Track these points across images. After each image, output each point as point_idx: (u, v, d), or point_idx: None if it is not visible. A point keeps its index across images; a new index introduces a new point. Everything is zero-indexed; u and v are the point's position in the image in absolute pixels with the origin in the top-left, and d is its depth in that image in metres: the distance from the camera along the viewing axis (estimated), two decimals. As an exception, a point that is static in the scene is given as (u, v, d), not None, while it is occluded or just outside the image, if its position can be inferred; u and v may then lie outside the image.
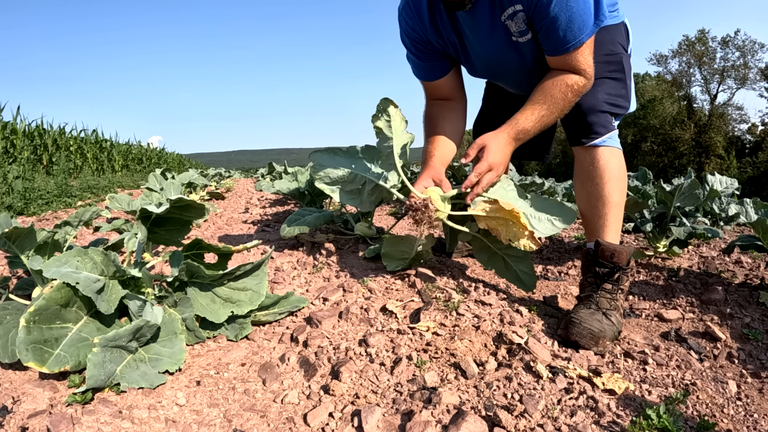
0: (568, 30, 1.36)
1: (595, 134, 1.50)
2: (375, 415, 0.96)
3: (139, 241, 1.26)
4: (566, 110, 1.48)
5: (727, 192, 2.51)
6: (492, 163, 1.46)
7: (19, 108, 9.88)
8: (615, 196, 1.49)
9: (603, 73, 1.53)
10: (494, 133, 1.48)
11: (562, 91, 1.44)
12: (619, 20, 1.62)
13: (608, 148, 1.51)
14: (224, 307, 1.28)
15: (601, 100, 1.51)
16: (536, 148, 1.91)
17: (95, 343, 1.01)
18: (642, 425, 0.93)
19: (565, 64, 1.43)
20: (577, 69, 1.43)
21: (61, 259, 1.11)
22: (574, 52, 1.40)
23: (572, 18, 1.35)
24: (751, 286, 1.82)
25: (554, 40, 1.40)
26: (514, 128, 1.47)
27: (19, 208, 3.92)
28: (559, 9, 1.34)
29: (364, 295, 1.62)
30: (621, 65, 1.57)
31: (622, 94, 1.57)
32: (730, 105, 30.35)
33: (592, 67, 1.44)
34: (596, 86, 1.49)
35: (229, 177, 12.64)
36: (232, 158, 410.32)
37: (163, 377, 1.10)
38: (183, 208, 1.27)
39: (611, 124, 1.53)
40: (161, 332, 1.18)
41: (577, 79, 1.43)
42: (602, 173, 1.49)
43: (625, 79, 1.58)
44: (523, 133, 1.48)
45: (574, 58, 1.41)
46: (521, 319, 1.44)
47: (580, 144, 1.54)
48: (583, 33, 1.37)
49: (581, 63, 1.42)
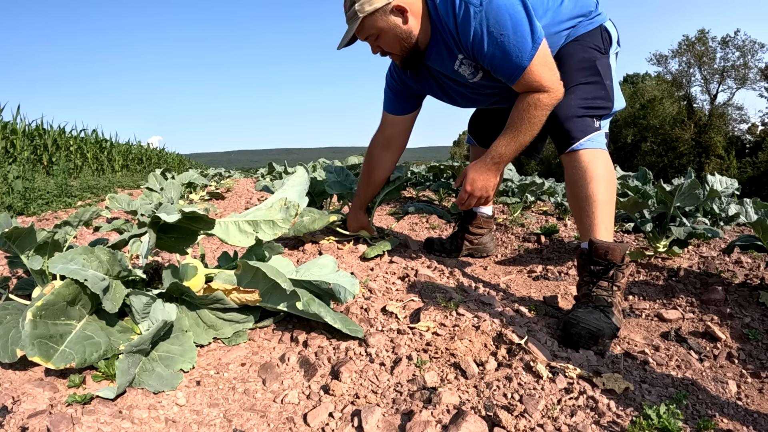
0: (509, 61, 1.50)
1: (573, 139, 1.57)
2: (375, 415, 0.96)
3: (148, 246, 1.26)
4: (538, 125, 1.58)
5: (727, 192, 2.51)
6: (472, 189, 1.71)
7: (19, 108, 9.89)
8: (601, 195, 1.52)
9: (577, 80, 1.61)
10: (474, 162, 1.71)
11: (526, 110, 1.55)
12: (594, 25, 1.69)
13: (590, 149, 1.56)
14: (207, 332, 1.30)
15: (574, 107, 1.58)
16: (528, 146, 1.97)
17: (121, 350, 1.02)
18: (642, 425, 0.93)
19: (526, 86, 1.54)
20: (537, 87, 1.53)
21: (67, 256, 1.11)
22: (524, 75, 1.51)
23: (508, 51, 1.48)
24: (751, 286, 1.81)
25: (503, 73, 1.55)
26: (491, 156, 1.66)
27: (19, 208, 3.92)
28: (492, 48, 1.49)
29: (364, 295, 1.62)
30: (595, 69, 1.63)
31: (600, 96, 1.63)
32: (730, 105, 30.34)
33: (552, 79, 1.53)
34: (569, 94, 1.59)
35: (229, 177, 12.64)
36: (232, 158, 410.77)
37: (179, 376, 1.11)
38: (193, 219, 1.27)
39: (591, 126, 1.59)
40: (171, 330, 1.19)
41: (539, 96, 1.53)
42: (585, 174, 1.54)
43: (603, 80, 1.63)
44: (500, 157, 1.65)
45: (528, 80, 1.52)
46: (521, 319, 1.44)
47: (563, 151, 1.61)
48: (523, 58, 1.48)
49: (537, 80, 1.52)
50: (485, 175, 1.69)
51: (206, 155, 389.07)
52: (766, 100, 29.71)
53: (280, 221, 1.42)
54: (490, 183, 1.71)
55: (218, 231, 1.39)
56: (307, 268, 1.43)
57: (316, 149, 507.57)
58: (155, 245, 1.32)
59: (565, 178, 1.63)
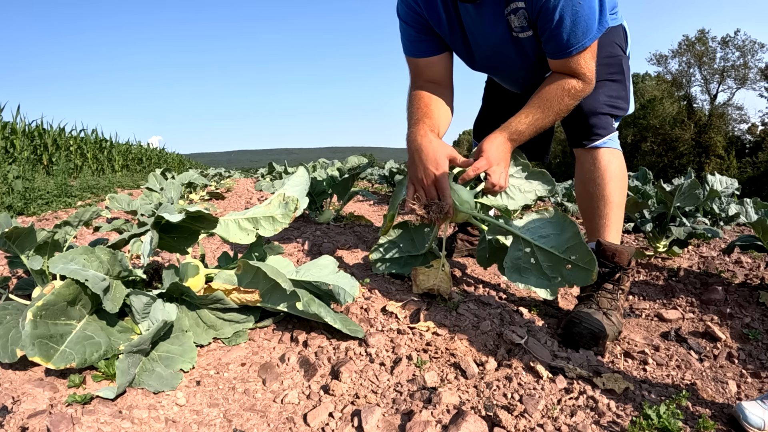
0: (572, 34, 1.34)
1: (595, 136, 1.51)
2: (375, 415, 0.96)
3: (151, 246, 1.26)
4: (563, 114, 1.47)
5: (727, 192, 2.51)
6: (490, 159, 1.47)
7: (18, 108, 9.89)
8: (616, 197, 1.50)
9: (603, 75, 1.53)
10: (490, 137, 1.50)
11: (559, 95, 1.43)
12: (618, 22, 1.63)
13: (609, 149, 1.52)
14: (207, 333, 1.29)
15: (601, 103, 1.52)
16: (536, 148, 1.92)
17: (121, 350, 1.02)
18: (642, 425, 0.93)
19: (566, 68, 1.42)
20: (578, 73, 1.42)
21: (68, 256, 1.11)
22: (576, 56, 1.38)
23: (577, 21, 1.32)
24: (751, 286, 1.81)
25: (557, 44, 1.37)
26: (509, 130, 1.48)
27: (19, 208, 3.92)
28: (564, 12, 1.31)
29: (364, 294, 1.62)
30: (621, 67, 1.58)
31: (621, 96, 1.58)
32: (730, 105, 30.33)
33: (593, 71, 1.43)
34: (597, 88, 1.49)
35: (229, 177, 12.64)
36: (232, 158, 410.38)
37: (179, 376, 1.11)
38: (196, 219, 1.27)
39: (611, 125, 1.55)
40: (171, 330, 1.19)
41: (575, 84, 1.42)
42: (603, 174, 1.50)
43: (625, 80, 1.59)
44: (518, 134, 1.48)
45: (576, 62, 1.40)
46: (521, 319, 1.44)
47: (581, 146, 1.55)
48: (587, 37, 1.35)
49: (582, 67, 1.41)
50: (502, 148, 1.49)
51: (206, 155, 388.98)
52: (766, 100, 29.69)
53: (280, 217, 1.42)
54: (506, 157, 1.51)
55: (219, 229, 1.39)
56: (308, 269, 1.43)
57: (316, 149, 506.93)
58: (157, 245, 1.32)
59: (577, 172, 1.59)
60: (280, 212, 1.42)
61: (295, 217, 1.45)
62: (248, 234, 1.41)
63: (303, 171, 1.65)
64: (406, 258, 1.78)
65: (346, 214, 3.30)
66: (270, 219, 1.42)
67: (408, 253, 1.78)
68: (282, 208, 1.42)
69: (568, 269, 1.29)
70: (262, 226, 1.42)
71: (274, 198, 1.46)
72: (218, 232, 1.39)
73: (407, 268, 1.75)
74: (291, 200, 1.42)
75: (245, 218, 1.43)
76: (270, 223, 1.42)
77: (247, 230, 1.42)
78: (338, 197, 3.09)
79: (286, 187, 1.56)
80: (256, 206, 1.48)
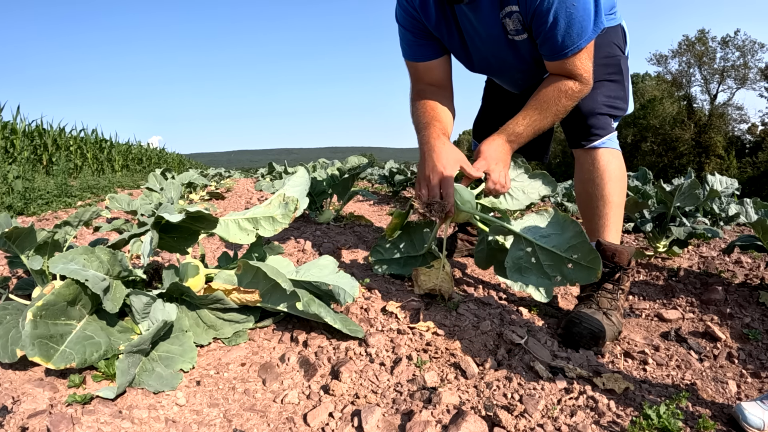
0: (567, 35, 1.35)
1: (594, 136, 1.52)
2: (375, 415, 0.96)
3: (151, 246, 1.26)
4: (561, 115, 1.48)
5: (727, 192, 2.51)
6: (489, 159, 1.49)
7: (18, 108, 9.90)
8: (615, 197, 1.50)
9: (601, 75, 1.53)
10: (488, 139, 1.53)
11: (556, 96, 1.44)
12: (616, 22, 1.63)
13: (608, 149, 1.53)
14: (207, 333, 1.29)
15: (600, 103, 1.52)
16: (535, 148, 1.92)
17: (121, 350, 1.02)
18: (642, 425, 0.93)
19: (563, 69, 1.42)
20: (574, 74, 1.42)
21: (68, 256, 1.11)
22: (572, 57, 1.39)
23: (571, 23, 1.33)
24: (751, 286, 1.82)
25: (552, 46, 1.38)
26: (507, 132, 1.50)
27: (19, 208, 3.91)
28: (558, 14, 1.32)
29: (364, 295, 1.62)
30: (619, 67, 1.58)
31: (620, 96, 1.58)
32: (730, 105, 30.33)
33: (590, 72, 1.43)
34: (595, 89, 1.49)
35: (229, 177, 12.64)
36: (232, 158, 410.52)
37: (179, 376, 1.11)
38: (196, 219, 1.27)
39: (610, 126, 1.55)
40: (171, 330, 1.19)
41: (572, 85, 1.43)
42: (603, 174, 1.50)
43: (623, 81, 1.59)
44: (516, 136, 1.50)
45: (572, 64, 1.40)
46: (521, 319, 1.44)
47: (580, 146, 1.55)
48: (582, 38, 1.35)
49: (578, 68, 1.41)
50: (501, 150, 1.51)
51: (206, 155, 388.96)
52: (766, 100, 29.68)
53: (280, 217, 1.42)
54: (505, 158, 1.53)
55: (219, 229, 1.39)
56: (308, 269, 1.43)
57: (316, 149, 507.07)
58: (157, 245, 1.32)
59: (576, 173, 1.60)
60: (280, 212, 1.42)
61: (295, 217, 1.45)
62: (248, 234, 1.41)
63: (303, 171, 1.65)
64: (405, 258, 1.78)
65: (346, 214, 3.30)
66: (270, 219, 1.42)
67: (408, 254, 1.78)
68: (282, 209, 1.42)
69: (570, 268, 1.31)
70: (262, 226, 1.42)
71: (274, 198, 1.46)
72: (218, 232, 1.39)
73: (407, 268, 1.76)
74: (291, 200, 1.42)
75: (245, 218, 1.43)
76: (270, 223, 1.42)
77: (247, 230, 1.41)
78: (338, 197, 3.09)
79: (286, 188, 1.56)
80: (256, 206, 1.48)
